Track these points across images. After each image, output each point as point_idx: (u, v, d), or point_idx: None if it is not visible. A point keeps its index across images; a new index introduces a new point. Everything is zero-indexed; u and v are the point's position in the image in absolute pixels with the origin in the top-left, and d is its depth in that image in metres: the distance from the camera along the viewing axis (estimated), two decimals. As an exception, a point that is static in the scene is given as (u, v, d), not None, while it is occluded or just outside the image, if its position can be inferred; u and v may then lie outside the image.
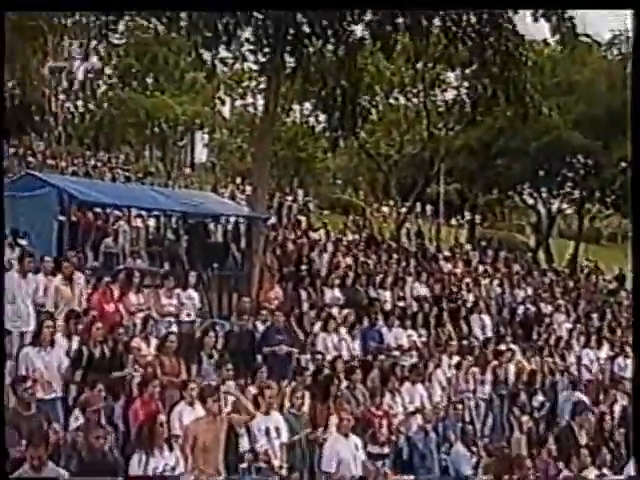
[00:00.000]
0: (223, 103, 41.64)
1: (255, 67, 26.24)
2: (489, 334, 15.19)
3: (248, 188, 30.94)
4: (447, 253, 21.01)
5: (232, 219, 16.72)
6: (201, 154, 45.07)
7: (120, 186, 21.68)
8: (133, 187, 19.51)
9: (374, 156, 30.33)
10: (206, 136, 41.59)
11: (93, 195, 13.72)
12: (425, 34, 15.93)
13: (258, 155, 16.31)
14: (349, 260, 16.69)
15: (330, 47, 16.33)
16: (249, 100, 41.21)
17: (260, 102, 39.03)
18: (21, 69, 23.52)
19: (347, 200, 38.65)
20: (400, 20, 15.41)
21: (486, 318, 15.75)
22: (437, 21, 15.96)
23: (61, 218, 13.49)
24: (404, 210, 29.42)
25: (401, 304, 14.90)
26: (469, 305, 16.38)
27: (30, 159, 28.85)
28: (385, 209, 38.24)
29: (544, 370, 13.62)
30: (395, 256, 18.64)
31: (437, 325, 14.39)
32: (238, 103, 42.03)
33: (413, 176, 30.19)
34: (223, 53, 19.16)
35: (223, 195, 24.71)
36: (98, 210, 16.22)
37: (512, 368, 13.14)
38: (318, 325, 12.61)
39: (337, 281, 14.67)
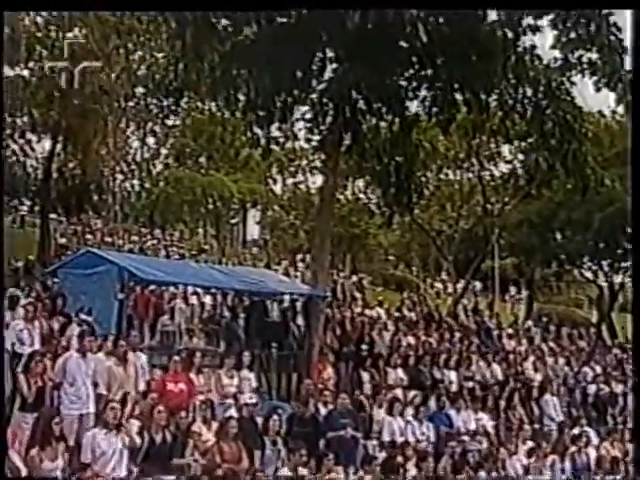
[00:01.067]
0: (275, 181, 42.11)
1: (306, 146, 26.55)
2: (561, 417, 14.39)
3: (301, 265, 30.84)
4: (510, 330, 20.23)
5: (288, 297, 16.36)
6: (253, 231, 45.34)
7: (178, 263, 21.66)
8: (191, 264, 19.39)
9: (428, 231, 29.96)
10: (258, 213, 41.91)
11: (153, 272, 13.57)
12: (485, 108, 15.76)
13: (317, 232, 16.05)
14: (411, 339, 16.12)
15: (384, 124, 16.29)
16: (300, 178, 41.62)
17: (311, 180, 39.46)
18: (82, 150, 24.20)
19: (401, 276, 38.10)
20: (458, 95, 15.37)
21: (556, 399, 15.01)
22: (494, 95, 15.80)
23: (120, 296, 13.38)
24: (460, 286, 28.73)
25: (469, 384, 14.23)
26: (536, 384, 15.63)
27: (88, 236, 29.39)
28: (439, 285, 37.55)
29: (626, 456, 12.72)
30: (457, 334, 17.99)
31: (507, 407, 13.67)
32: (290, 181, 42.46)
33: (467, 251, 29.67)
34: (276, 132, 19.25)
35: (277, 272, 24.52)
36: (153, 287, 16.12)
37: (592, 454, 12.30)
38: (383, 408, 12.05)
39: (399, 361, 14.13)
